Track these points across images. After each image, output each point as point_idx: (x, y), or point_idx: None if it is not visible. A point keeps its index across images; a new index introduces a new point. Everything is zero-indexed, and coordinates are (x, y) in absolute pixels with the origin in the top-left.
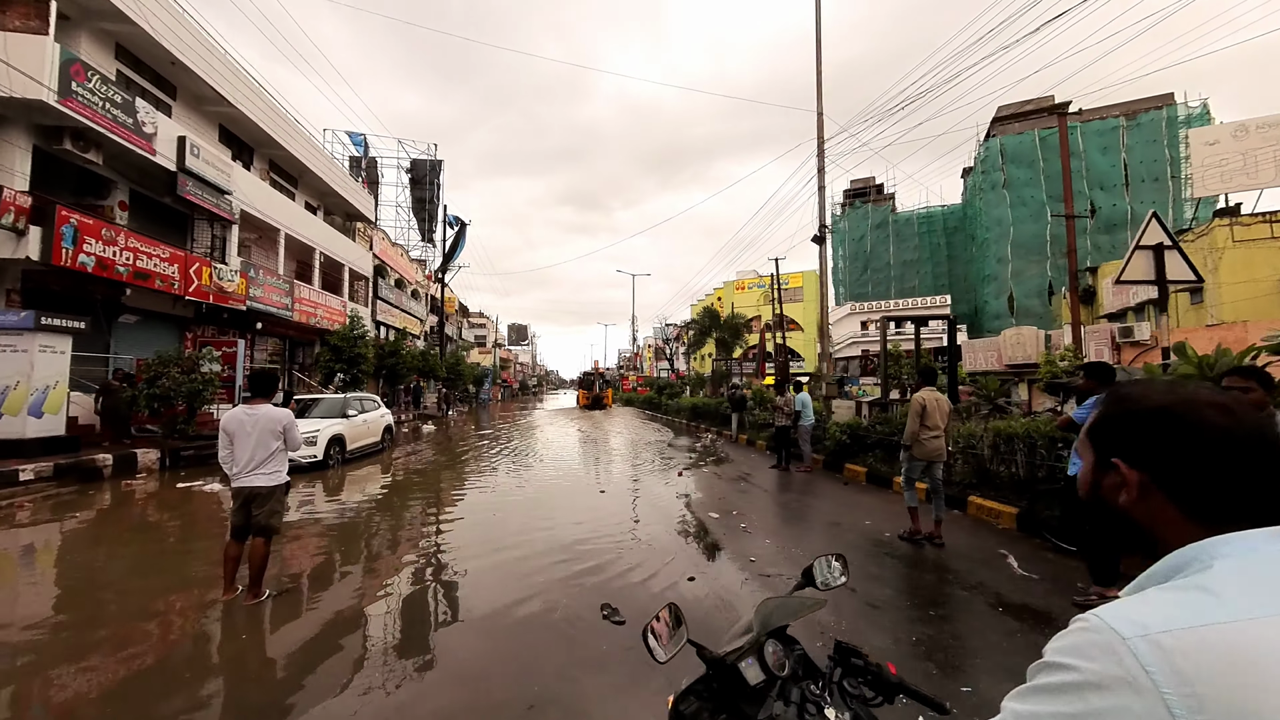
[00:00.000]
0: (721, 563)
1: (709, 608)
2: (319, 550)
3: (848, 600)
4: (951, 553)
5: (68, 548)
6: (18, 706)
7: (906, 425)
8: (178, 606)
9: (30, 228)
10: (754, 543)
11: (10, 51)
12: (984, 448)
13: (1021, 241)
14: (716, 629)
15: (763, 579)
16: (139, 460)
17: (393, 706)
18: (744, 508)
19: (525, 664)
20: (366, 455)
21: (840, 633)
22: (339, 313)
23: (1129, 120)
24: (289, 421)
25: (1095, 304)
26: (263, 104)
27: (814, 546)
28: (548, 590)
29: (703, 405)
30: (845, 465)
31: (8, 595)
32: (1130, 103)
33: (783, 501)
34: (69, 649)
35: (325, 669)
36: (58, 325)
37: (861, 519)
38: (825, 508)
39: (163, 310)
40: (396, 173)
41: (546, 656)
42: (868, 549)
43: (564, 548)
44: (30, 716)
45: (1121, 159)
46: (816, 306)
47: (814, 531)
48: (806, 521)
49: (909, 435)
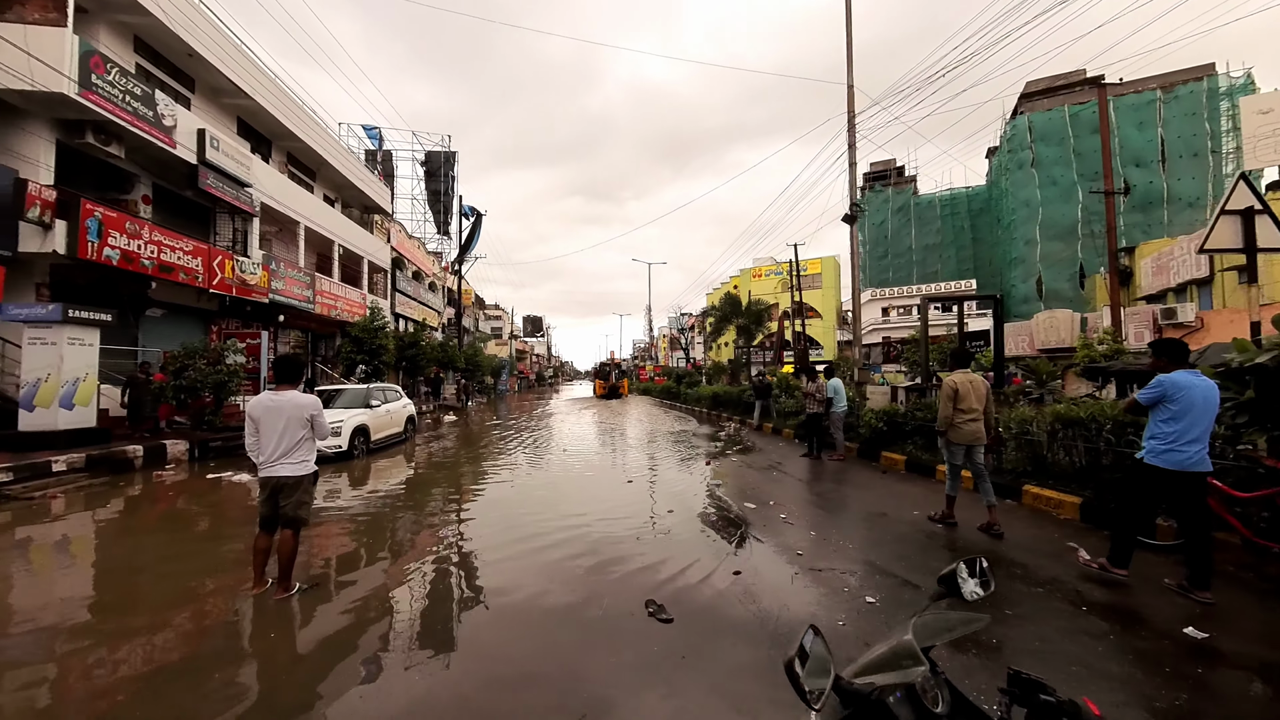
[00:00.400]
0: (766, 556)
1: (762, 606)
2: (349, 542)
3: (910, 597)
4: (1013, 545)
5: (101, 538)
6: (56, 691)
7: (939, 410)
8: (207, 600)
9: (56, 222)
10: (797, 535)
11: (30, 44)
12: (1040, 433)
13: (1051, 222)
14: (774, 631)
15: (813, 574)
16: (168, 451)
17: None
18: (780, 498)
19: (571, 667)
20: (390, 445)
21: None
22: (359, 305)
23: (1166, 93)
24: (316, 408)
25: (1132, 286)
26: (279, 96)
27: (863, 539)
28: (585, 586)
29: (724, 394)
30: (882, 453)
31: (44, 584)
32: (1167, 75)
33: (820, 491)
34: (103, 639)
35: (354, 668)
36: (85, 318)
37: (907, 509)
38: (867, 498)
39: (188, 304)
40: (411, 165)
41: (593, 658)
42: (921, 541)
43: (598, 542)
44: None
45: (1158, 134)
46: (835, 293)
47: (859, 523)
48: (849, 512)
49: (942, 420)
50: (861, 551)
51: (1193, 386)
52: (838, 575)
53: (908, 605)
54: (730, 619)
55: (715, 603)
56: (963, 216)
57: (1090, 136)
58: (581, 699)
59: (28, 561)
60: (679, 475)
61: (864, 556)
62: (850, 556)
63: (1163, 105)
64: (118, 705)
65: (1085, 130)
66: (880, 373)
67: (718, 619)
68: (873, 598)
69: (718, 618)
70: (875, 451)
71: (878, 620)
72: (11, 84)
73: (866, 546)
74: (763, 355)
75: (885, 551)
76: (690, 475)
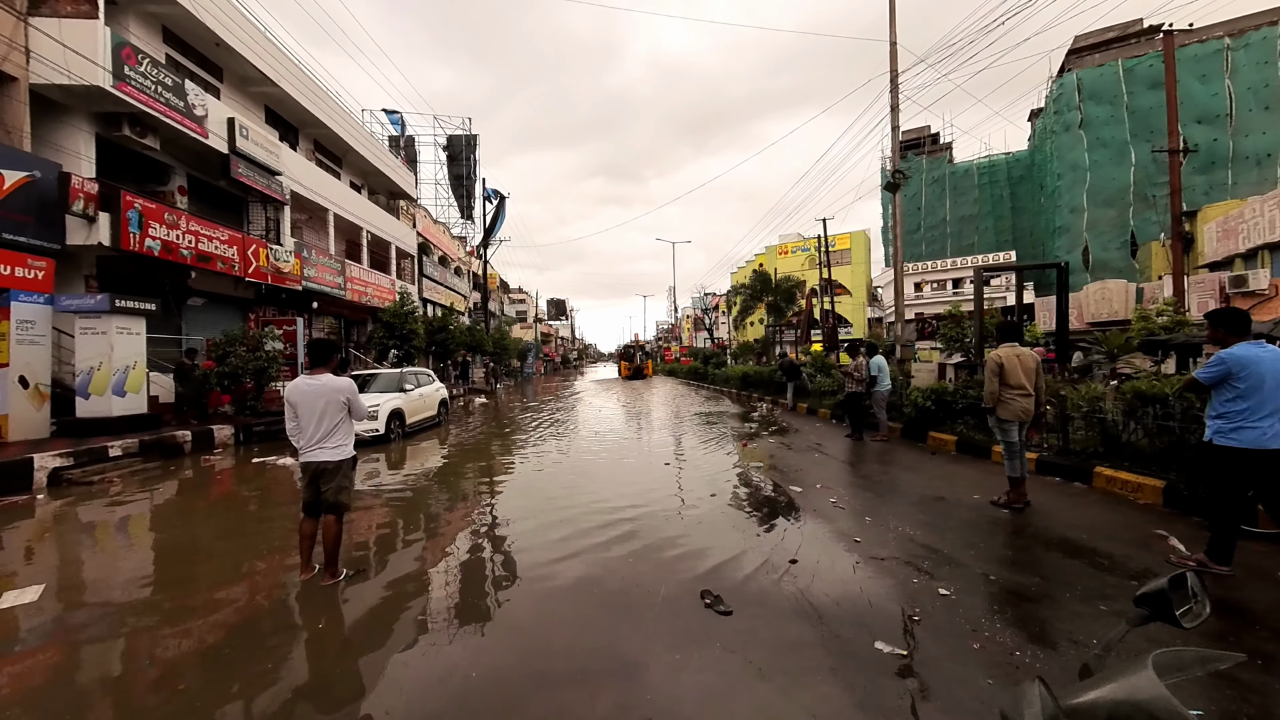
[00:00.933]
0: (820, 542)
1: (828, 599)
2: (394, 527)
3: (990, 591)
4: (1093, 532)
5: (158, 521)
6: (128, 659)
7: (985, 385)
8: (256, 585)
9: (99, 214)
10: (850, 520)
11: (64, 37)
12: (1115, 413)
13: (1099, 188)
14: (846, 628)
15: (876, 563)
16: (215, 436)
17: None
18: (826, 480)
19: (629, 664)
20: (424, 429)
21: (994, 636)
22: (388, 291)
23: (1234, 40)
24: (351, 391)
25: (1194, 252)
26: (305, 83)
27: (923, 525)
28: (635, 573)
29: (755, 374)
30: (930, 433)
31: (109, 564)
32: (1236, 20)
33: (867, 473)
34: (163, 617)
35: (398, 658)
36: (131, 307)
37: (966, 492)
38: (918, 480)
39: (226, 292)
40: (434, 150)
41: (653, 654)
42: (986, 528)
43: (641, 527)
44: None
45: (1225, 86)
46: (865, 269)
47: (916, 507)
48: (903, 495)
49: (988, 396)
50: (924, 538)
51: (1260, 360)
52: (902, 565)
53: (988, 599)
54: (793, 613)
55: (773, 593)
56: (1002, 185)
57: (1146, 93)
58: (644, 708)
59: (94, 542)
60: (717, 457)
61: (928, 544)
62: (913, 544)
63: (1230, 54)
64: (168, 685)
65: (1141, 86)
66: (914, 349)
67: (780, 613)
68: (947, 590)
69: (779, 612)
70: (921, 431)
71: (956, 615)
72: (53, 77)
73: (928, 533)
74: (793, 334)
75: (951, 539)
76: (729, 457)
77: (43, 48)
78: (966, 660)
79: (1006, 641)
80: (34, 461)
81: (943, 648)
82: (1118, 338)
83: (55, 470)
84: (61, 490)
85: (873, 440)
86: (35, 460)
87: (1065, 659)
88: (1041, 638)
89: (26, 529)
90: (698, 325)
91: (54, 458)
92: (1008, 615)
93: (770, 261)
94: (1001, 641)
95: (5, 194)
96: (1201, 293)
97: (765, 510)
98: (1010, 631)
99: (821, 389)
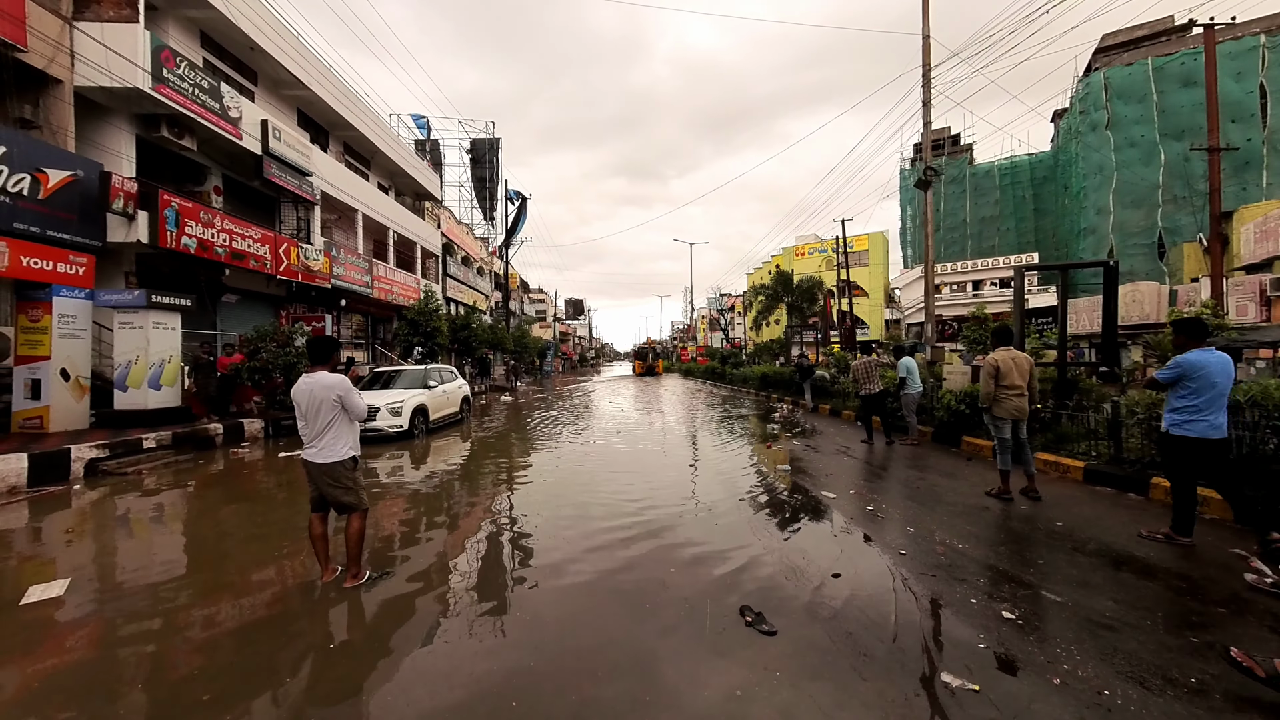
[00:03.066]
0: (862, 554)
1: (876, 621)
2: (419, 525)
3: (1060, 615)
4: (1165, 552)
5: (189, 511)
6: (163, 639)
7: (981, 387)
8: (277, 586)
9: (138, 212)
10: (891, 530)
11: (106, 40)
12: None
13: (1127, 189)
14: (903, 656)
15: (926, 579)
16: (245, 429)
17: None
18: (859, 485)
19: (667, 694)
20: (447, 425)
21: (1074, 670)
22: (413, 289)
23: (1271, 37)
24: (343, 389)
25: (1229, 254)
26: (336, 86)
27: (972, 537)
28: (669, 584)
29: (774, 374)
30: (964, 438)
31: (143, 553)
32: (1272, 16)
33: (902, 479)
34: (184, 607)
35: (428, 669)
36: (167, 303)
37: (1013, 502)
38: (958, 488)
39: (258, 289)
40: (458, 153)
41: (694, 680)
42: (1043, 542)
43: (670, 532)
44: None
45: (1259, 84)
46: (884, 270)
47: (961, 517)
48: (945, 504)
49: (984, 396)
50: (975, 552)
51: (1208, 364)
52: (956, 581)
53: (1059, 625)
54: (842, 635)
55: (818, 612)
56: (1024, 186)
57: (1177, 91)
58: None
59: (122, 535)
60: (743, 460)
61: (980, 559)
62: (964, 558)
63: (1267, 51)
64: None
65: (1172, 84)
66: (943, 350)
67: (827, 634)
68: (1010, 613)
69: (827, 632)
70: (955, 436)
71: (1027, 643)
72: (96, 79)
73: (979, 546)
74: (814, 335)
75: (1005, 554)
76: (754, 459)
77: (85, 50)
78: (1049, 698)
79: (1090, 676)
80: (71, 452)
81: (1018, 683)
82: (1169, 340)
83: (91, 461)
84: (96, 481)
85: (903, 444)
86: (72, 451)
87: (1164, 702)
88: (1130, 674)
89: (62, 519)
90: (713, 325)
91: (90, 449)
92: (1085, 645)
93: (787, 263)
94: (1085, 677)
95: (50, 192)
96: (1240, 295)
97: (799, 518)
98: (1092, 665)
99: (845, 390)
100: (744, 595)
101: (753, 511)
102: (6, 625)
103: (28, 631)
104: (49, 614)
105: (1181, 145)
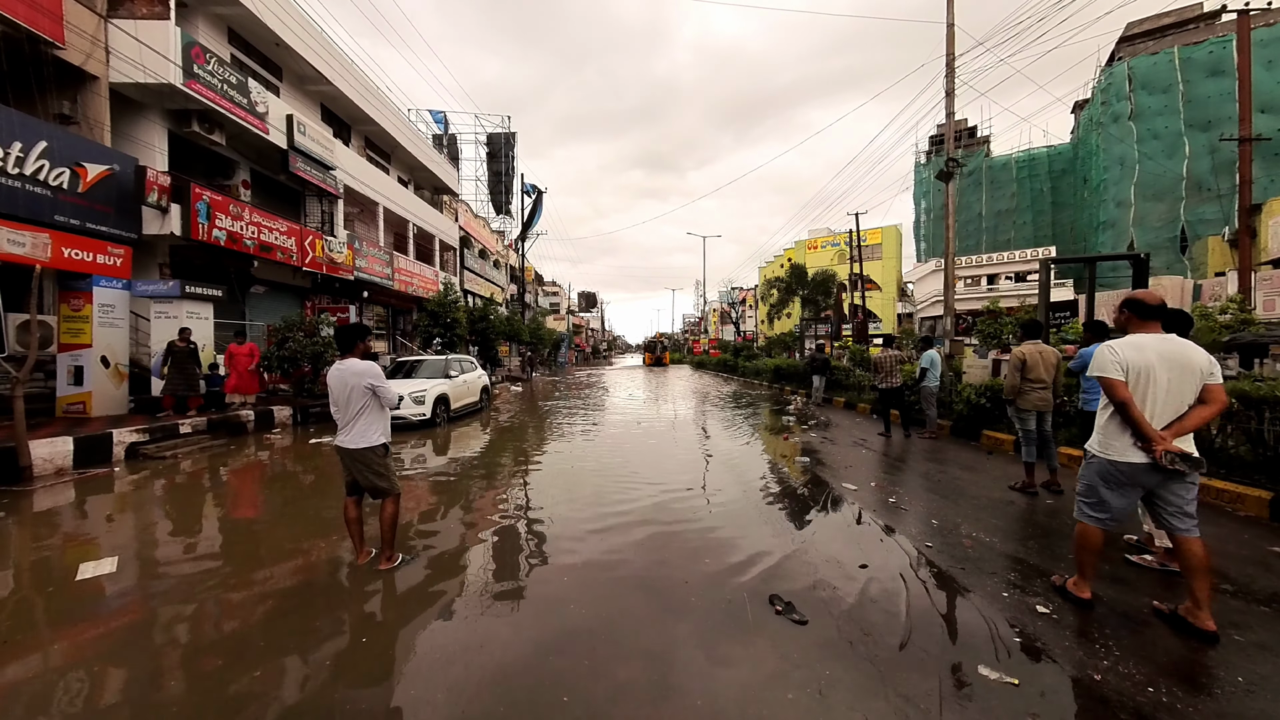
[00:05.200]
0: (887, 547)
1: (906, 611)
2: (447, 510)
3: (1096, 611)
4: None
5: (223, 494)
6: (199, 617)
7: (1006, 379)
8: (310, 567)
9: (171, 205)
10: (915, 522)
11: (139, 36)
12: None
13: (1148, 181)
14: (938, 647)
15: (956, 571)
16: (275, 416)
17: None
18: (880, 478)
19: (699, 680)
20: (468, 414)
21: (1115, 666)
22: (432, 282)
23: None
24: (375, 376)
25: (1257, 247)
26: (358, 81)
27: (998, 531)
28: (697, 571)
29: (788, 367)
30: (984, 432)
31: (169, 536)
32: None
33: (923, 472)
34: (217, 588)
35: (458, 647)
36: (199, 293)
37: (1038, 496)
38: (980, 481)
39: (285, 281)
40: (475, 148)
41: (725, 669)
42: (1069, 535)
43: (692, 521)
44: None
45: None
46: (896, 264)
47: (986, 511)
48: (968, 497)
49: (1009, 389)
50: (1004, 546)
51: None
52: (987, 575)
53: (1096, 621)
54: (875, 626)
55: (846, 601)
56: (1042, 179)
57: (1205, 81)
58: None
59: (171, 512)
60: (761, 451)
61: (1008, 553)
62: (992, 552)
63: None
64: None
65: (1199, 74)
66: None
67: (859, 625)
68: (1045, 607)
69: (858, 623)
70: (974, 430)
71: (1064, 638)
72: (132, 75)
73: (1006, 540)
74: (827, 328)
75: (1034, 548)
76: (773, 451)
77: (120, 46)
78: (1092, 695)
79: (1133, 674)
80: (113, 436)
81: (1059, 677)
82: (1206, 334)
83: (132, 445)
84: (138, 464)
85: (920, 437)
86: (114, 435)
87: (1213, 701)
88: (1173, 671)
89: (107, 501)
90: (724, 319)
91: (131, 433)
92: (1124, 641)
93: (800, 256)
94: (1126, 673)
95: (88, 186)
96: (1268, 290)
97: (821, 510)
98: (1134, 662)
99: (861, 383)
100: (769, 583)
101: (773, 502)
102: (62, 599)
103: (82, 605)
104: (102, 588)
105: (1207, 136)
